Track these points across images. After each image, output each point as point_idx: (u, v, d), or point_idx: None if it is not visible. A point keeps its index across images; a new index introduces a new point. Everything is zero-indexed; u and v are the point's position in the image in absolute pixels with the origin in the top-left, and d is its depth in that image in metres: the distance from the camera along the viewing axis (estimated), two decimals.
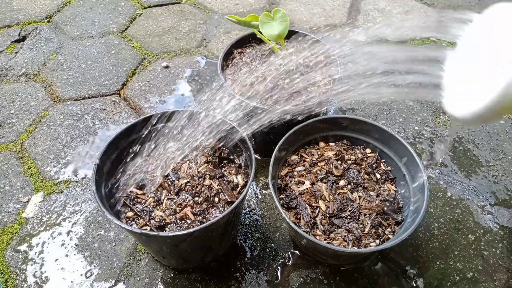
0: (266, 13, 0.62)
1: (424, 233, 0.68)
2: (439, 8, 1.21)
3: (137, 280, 0.63)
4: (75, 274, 0.63)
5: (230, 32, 1.11)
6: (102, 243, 0.67)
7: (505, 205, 0.73)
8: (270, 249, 0.66)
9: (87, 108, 0.91)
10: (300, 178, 0.62)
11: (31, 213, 0.71)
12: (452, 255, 0.66)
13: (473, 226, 0.69)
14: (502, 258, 0.65)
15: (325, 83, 0.71)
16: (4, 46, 1.06)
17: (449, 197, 0.74)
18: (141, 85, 0.96)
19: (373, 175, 0.63)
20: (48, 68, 1.00)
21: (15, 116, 0.89)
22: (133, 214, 0.57)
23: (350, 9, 1.20)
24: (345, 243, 0.55)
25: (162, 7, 1.21)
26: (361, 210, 0.58)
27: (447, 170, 0.78)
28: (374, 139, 0.66)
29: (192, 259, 0.62)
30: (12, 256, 0.66)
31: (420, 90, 0.82)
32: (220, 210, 0.57)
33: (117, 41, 1.09)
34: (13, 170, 0.78)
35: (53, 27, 1.13)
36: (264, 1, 1.23)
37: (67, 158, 0.80)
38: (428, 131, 0.86)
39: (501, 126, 0.87)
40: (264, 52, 0.76)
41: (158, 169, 0.61)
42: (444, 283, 0.62)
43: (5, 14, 1.16)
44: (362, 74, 0.72)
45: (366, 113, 0.90)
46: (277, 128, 0.68)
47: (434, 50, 1.05)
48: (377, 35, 0.97)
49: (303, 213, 0.58)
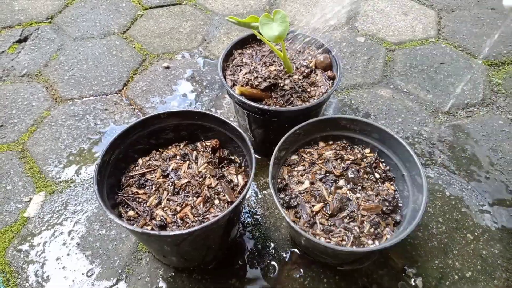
0: (266, 14, 0.63)
1: (423, 233, 0.69)
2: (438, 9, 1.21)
3: (138, 279, 0.63)
4: (76, 273, 0.64)
5: (230, 33, 1.12)
6: (104, 242, 0.67)
7: (503, 204, 0.73)
8: (270, 248, 0.67)
9: (89, 108, 0.91)
10: (300, 178, 0.63)
11: (32, 213, 0.72)
12: (451, 255, 0.66)
13: (471, 226, 0.70)
14: (500, 257, 0.66)
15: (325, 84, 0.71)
16: (5, 47, 1.07)
17: (447, 197, 0.74)
18: (142, 86, 0.97)
19: (372, 175, 0.63)
20: (49, 69, 1.01)
21: (16, 116, 0.89)
22: (134, 214, 0.57)
23: (349, 10, 1.21)
24: (344, 242, 0.56)
25: (163, 8, 1.22)
26: (360, 210, 0.59)
27: (445, 170, 0.79)
28: (373, 139, 0.67)
29: (193, 258, 0.62)
30: (13, 255, 0.66)
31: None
32: (221, 209, 0.57)
33: (118, 42, 1.09)
34: (14, 170, 0.78)
35: (55, 27, 1.14)
36: (265, 2, 1.24)
37: (69, 158, 0.81)
38: (427, 131, 0.86)
39: (500, 126, 0.87)
40: (264, 53, 0.77)
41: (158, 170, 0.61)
42: (443, 282, 0.63)
43: (6, 14, 1.17)
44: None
45: (365, 113, 0.90)
46: (277, 128, 0.69)
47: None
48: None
49: (303, 212, 0.58)
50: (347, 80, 0.98)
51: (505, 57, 1.04)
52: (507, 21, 1.14)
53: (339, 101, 0.93)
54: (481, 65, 1.02)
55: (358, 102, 0.92)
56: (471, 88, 0.96)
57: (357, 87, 0.97)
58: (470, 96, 0.94)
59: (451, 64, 1.02)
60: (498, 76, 0.99)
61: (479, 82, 0.97)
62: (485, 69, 1.01)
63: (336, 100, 0.93)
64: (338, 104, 0.92)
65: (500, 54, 1.05)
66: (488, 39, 1.08)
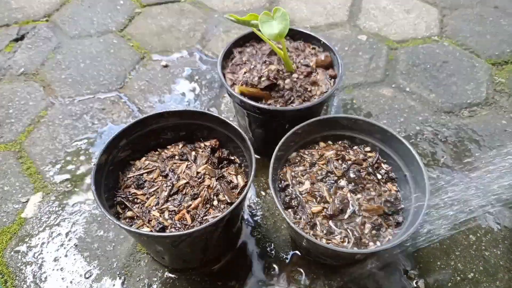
0: (266, 12, 0.62)
1: (425, 234, 0.68)
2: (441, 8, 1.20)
3: (137, 281, 0.62)
4: (74, 274, 0.63)
5: (230, 31, 1.11)
6: (102, 244, 0.67)
7: (506, 205, 0.72)
8: (270, 249, 0.66)
9: (86, 107, 0.90)
10: (301, 178, 0.62)
11: (30, 213, 0.71)
12: (453, 256, 0.65)
13: (474, 227, 0.69)
14: (503, 258, 0.65)
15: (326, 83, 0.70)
16: (2, 45, 1.05)
17: (450, 197, 0.73)
18: (140, 85, 0.96)
19: (374, 175, 0.62)
20: (46, 68, 1.00)
21: (13, 116, 0.88)
22: (133, 215, 0.57)
23: (351, 8, 1.19)
24: (345, 243, 0.55)
25: (161, 5, 1.21)
26: (361, 211, 0.58)
27: (448, 170, 0.78)
28: (375, 139, 0.66)
29: (191, 259, 0.62)
30: (11, 256, 0.65)
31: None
32: (220, 210, 0.56)
33: (116, 40, 1.08)
34: (12, 170, 0.78)
35: (52, 26, 1.13)
36: (265, 0, 1.22)
37: (66, 158, 0.80)
38: (429, 131, 0.86)
39: (503, 126, 0.86)
40: (264, 52, 0.75)
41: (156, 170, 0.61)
42: (445, 283, 0.62)
43: (3, 13, 1.16)
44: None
45: (367, 113, 0.89)
46: (277, 128, 0.68)
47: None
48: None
49: (303, 213, 0.57)
50: (349, 79, 0.97)
51: (509, 56, 1.03)
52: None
53: (341, 100, 0.92)
54: (484, 64, 1.01)
55: (360, 101, 0.91)
56: (474, 87, 0.95)
57: (358, 86, 0.96)
58: (473, 95, 0.93)
59: (454, 63, 1.01)
60: (502, 75, 0.98)
61: (482, 81, 0.96)
62: (488, 68, 1.00)
63: (337, 99, 0.92)
64: (340, 103, 0.91)
65: (504, 53, 1.04)
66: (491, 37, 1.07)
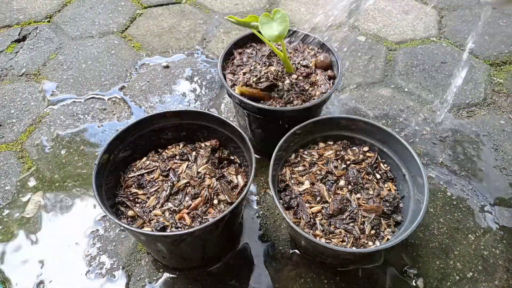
0: (266, 14, 0.62)
1: (423, 233, 0.68)
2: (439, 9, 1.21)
3: (137, 280, 0.63)
4: (75, 273, 0.64)
5: (230, 32, 1.11)
6: (103, 243, 0.67)
7: (505, 205, 0.73)
8: (270, 248, 0.66)
9: (87, 108, 0.91)
10: (300, 178, 0.62)
11: (31, 213, 0.72)
12: (452, 255, 0.66)
13: (473, 226, 0.69)
14: (502, 258, 0.65)
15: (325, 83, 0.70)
16: (4, 46, 1.06)
17: (448, 197, 0.74)
18: (141, 85, 0.96)
19: (373, 175, 0.63)
20: (48, 68, 1.00)
21: (15, 116, 0.89)
22: (133, 214, 0.57)
23: (350, 9, 1.20)
24: (345, 243, 0.55)
25: (162, 7, 1.21)
26: (360, 210, 0.58)
27: (447, 170, 0.78)
28: (374, 139, 0.66)
29: (192, 258, 0.62)
30: (11, 256, 0.66)
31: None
32: (220, 210, 0.57)
33: (117, 41, 1.09)
34: (13, 170, 0.78)
35: (53, 27, 1.13)
36: (265, 1, 1.23)
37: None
38: (428, 131, 0.86)
39: (501, 126, 0.87)
40: (264, 53, 0.76)
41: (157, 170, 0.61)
42: (444, 283, 0.62)
43: (5, 14, 1.16)
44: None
45: (366, 113, 0.90)
46: (277, 128, 0.68)
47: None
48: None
49: (303, 213, 0.58)
50: (348, 79, 0.98)
51: (506, 57, 1.04)
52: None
53: (340, 101, 0.92)
54: (482, 65, 1.01)
55: (359, 102, 0.92)
56: (473, 87, 0.96)
57: (357, 86, 0.96)
58: (472, 95, 0.94)
59: (453, 64, 1.02)
60: (500, 76, 0.99)
61: (480, 81, 0.97)
62: (487, 69, 1.00)
63: (336, 100, 0.93)
64: (339, 104, 0.92)
65: (502, 53, 1.05)
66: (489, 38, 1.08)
